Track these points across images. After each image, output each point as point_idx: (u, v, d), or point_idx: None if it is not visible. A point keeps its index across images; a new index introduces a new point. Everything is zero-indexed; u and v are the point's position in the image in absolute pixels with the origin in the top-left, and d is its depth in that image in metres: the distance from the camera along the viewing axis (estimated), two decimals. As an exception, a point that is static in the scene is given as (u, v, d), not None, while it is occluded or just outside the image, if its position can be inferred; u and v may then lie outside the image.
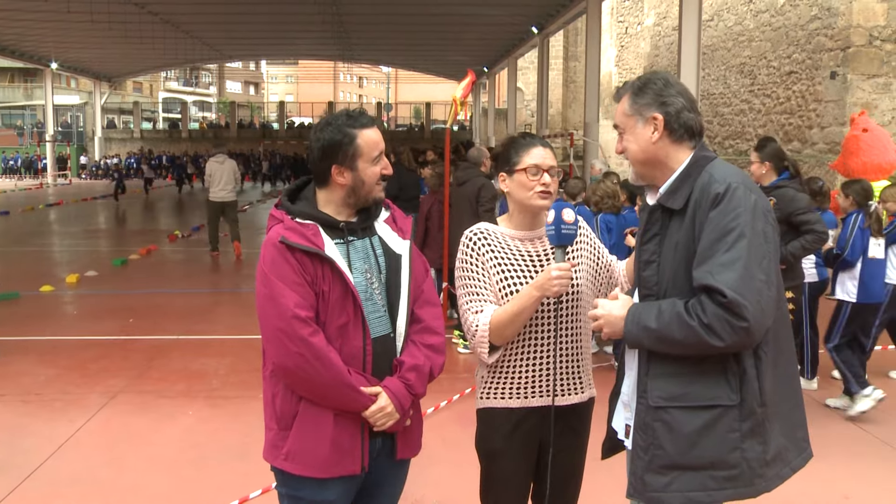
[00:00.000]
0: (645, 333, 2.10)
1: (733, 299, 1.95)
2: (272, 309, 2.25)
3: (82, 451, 4.77)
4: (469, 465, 3.91)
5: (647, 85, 2.25)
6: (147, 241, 14.63)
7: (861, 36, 14.11)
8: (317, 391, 2.28)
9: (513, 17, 21.81)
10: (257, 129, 46.72)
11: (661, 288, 2.18)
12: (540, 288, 2.40)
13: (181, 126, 46.64)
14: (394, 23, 24.23)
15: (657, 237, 2.22)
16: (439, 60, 34.45)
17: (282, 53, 44.05)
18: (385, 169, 2.43)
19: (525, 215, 2.63)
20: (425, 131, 43.63)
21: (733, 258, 1.98)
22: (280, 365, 2.28)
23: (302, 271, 2.27)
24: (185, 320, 8.32)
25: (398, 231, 2.51)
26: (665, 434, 2.11)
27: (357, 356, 2.33)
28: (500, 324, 2.46)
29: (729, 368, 2.08)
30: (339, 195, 2.40)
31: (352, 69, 76.65)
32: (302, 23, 24.55)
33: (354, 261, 2.37)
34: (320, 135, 2.38)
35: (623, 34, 30.43)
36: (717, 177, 2.10)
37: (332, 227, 2.38)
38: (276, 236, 2.30)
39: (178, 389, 5.96)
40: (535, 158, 2.57)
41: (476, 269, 2.56)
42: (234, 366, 6.54)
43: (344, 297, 2.31)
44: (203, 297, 9.85)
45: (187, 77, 68.29)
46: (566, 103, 37.87)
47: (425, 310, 2.49)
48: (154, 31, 23.83)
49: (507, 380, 2.58)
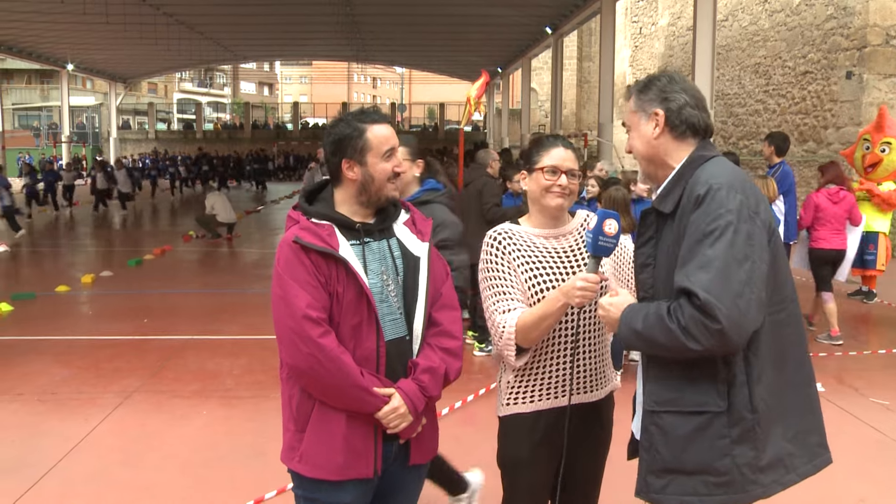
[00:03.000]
0: (634, 335, 2.09)
1: (706, 300, 1.91)
2: (284, 309, 2.25)
3: (97, 451, 4.80)
4: (485, 468, 3.91)
5: (652, 81, 2.25)
6: (162, 241, 14.72)
7: (878, 35, 13.92)
8: (329, 392, 2.27)
9: (526, 18, 21.80)
10: (271, 129, 46.91)
11: (657, 291, 2.18)
12: (566, 294, 2.36)
13: (196, 127, 46.91)
14: (407, 23, 24.28)
15: (652, 240, 2.22)
16: (453, 61, 34.46)
17: (296, 54, 44.18)
18: (398, 167, 2.41)
19: (544, 214, 2.61)
20: (439, 132, 43.65)
21: (709, 259, 1.95)
22: (293, 366, 2.28)
23: (315, 272, 2.27)
24: (199, 320, 8.36)
25: (417, 233, 2.49)
26: (660, 438, 2.13)
27: (370, 358, 2.32)
28: (525, 326, 2.42)
29: (718, 374, 2.06)
30: (351, 192, 2.40)
31: (365, 70, 76.67)
32: (316, 23, 24.64)
33: (370, 262, 2.36)
34: (332, 130, 2.41)
35: (637, 34, 30.34)
36: (702, 178, 2.08)
37: (349, 228, 2.37)
38: (291, 236, 2.30)
39: (192, 389, 5.99)
40: (553, 159, 2.55)
41: (503, 269, 2.52)
42: (248, 366, 6.57)
43: (358, 298, 2.30)
44: (217, 297, 9.89)
45: (202, 78, 68.70)
46: (580, 104, 37.81)
47: (444, 313, 2.47)
48: (169, 32, 23.99)
49: (536, 381, 2.54)
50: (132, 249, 13.87)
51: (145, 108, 49.37)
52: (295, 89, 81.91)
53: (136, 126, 49.27)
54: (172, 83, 63.53)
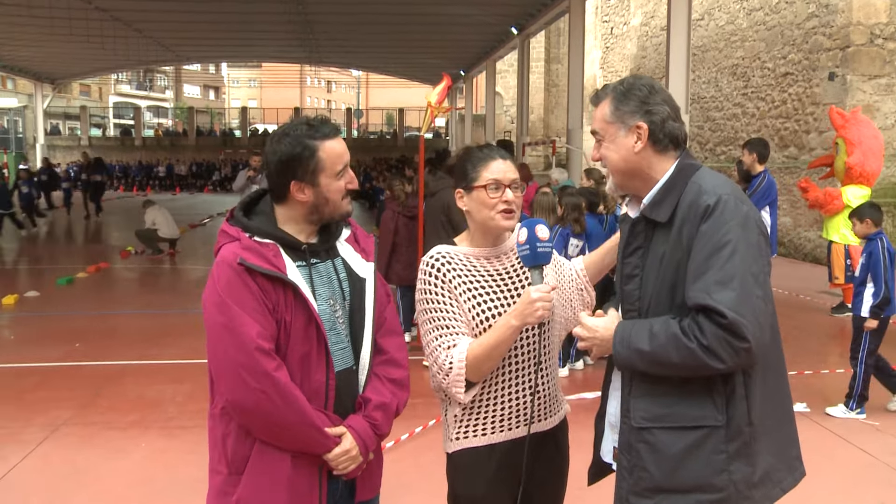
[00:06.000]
0: (637, 356, 2.12)
1: (734, 320, 1.98)
2: (231, 340, 2.15)
3: (17, 492, 4.64)
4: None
5: (632, 91, 2.25)
6: (97, 257, 14.44)
7: (862, 34, 14.15)
8: (277, 432, 2.20)
9: (491, 17, 21.92)
10: (218, 136, 46.53)
11: (644, 303, 2.21)
12: (520, 316, 2.32)
13: (134, 133, 46.30)
14: (364, 23, 24.23)
15: (640, 250, 2.25)
16: (413, 63, 34.50)
17: (244, 55, 43.89)
18: (350, 183, 2.34)
19: (488, 234, 2.56)
20: (398, 139, 43.66)
21: (729, 275, 2.01)
22: (236, 403, 2.19)
23: (263, 297, 2.19)
24: (138, 344, 8.21)
25: (361, 252, 2.45)
26: (649, 456, 2.15)
27: (319, 392, 2.26)
28: (476, 359, 2.36)
29: (715, 387, 2.11)
30: (299, 212, 2.32)
31: (319, 73, 76.61)
32: (266, 23, 24.47)
33: (318, 286, 2.30)
34: (277, 147, 2.28)
35: (608, 35, 30.72)
36: (707, 188, 2.13)
37: (294, 248, 2.30)
38: (233, 256, 2.20)
39: (129, 420, 5.86)
40: (494, 173, 2.48)
41: (443, 299, 2.44)
42: (192, 393, 6.44)
43: (307, 326, 2.23)
44: (159, 318, 9.72)
45: (141, 80, 67.97)
46: (548, 108, 38.11)
47: (388, 339, 2.44)
48: (103, 29, 23.45)
49: (488, 413, 2.49)
50: (62, 267, 13.57)
51: (77, 111, 48.63)
52: (243, 93, 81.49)
53: (66, 132, 48.44)
54: (108, 85, 62.64)
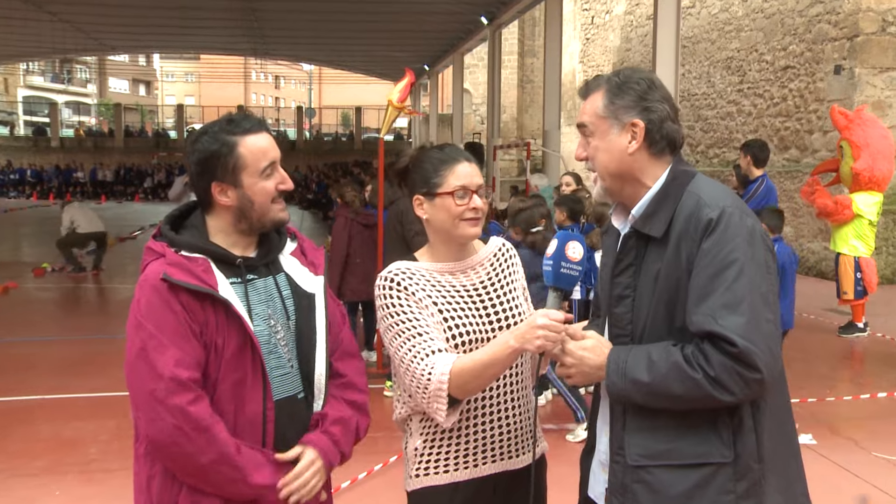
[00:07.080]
0: (635, 388, 2.09)
1: (745, 348, 1.98)
2: (145, 368, 2.14)
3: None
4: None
5: (628, 83, 2.24)
6: (4, 276, 14.11)
7: (872, 22, 13.97)
8: (196, 473, 2.17)
9: (458, 6, 22.01)
10: (150, 137, 46.21)
11: (637, 327, 2.19)
12: (520, 338, 2.25)
13: (50, 132, 45.75)
14: (316, 10, 24.17)
15: (631, 268, 2.24)
16: (371, 57, 34.54)
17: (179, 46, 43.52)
18: (282, 184, 2.34)
19: (451, 245, 2.55)
20: (355, 141, 43.69)
21: (738, 298, 2.01)
22: (152, 439, 2.17)
23: (188, 319, 2.17)
24: (55, 375, 8.08)
25: (308, 265, 2.45)
26: (647, 497, 2.13)
27: (255, 422, 2.24)
28: (463, 373, 2.29)
29: (720, 420, 2.09)
30: (227, 220, 2.32)
31: (266, 66, 76.36)
32: (205, 9, 24.32)
33: (255, 304, 2.29)
34: (195, 146, 2.30)
35: (589, 25, 31.01)
36: (707, 199, 2.12)
37: (227, 263, 2.29)
38: (156, 274, 2.19)
39: (41, 465, 5.71)
40: (461, 178, 2.48)
41: (411, 308, 2.41)
42: (118, 430, 6.30)
43: (241, 349, 2.22)
44: (80, 346, 9.58)
45: (57, 71, 67.21)
46: (522, 107, 38.35)
47: (346, 363, 2.44)
48: (10, 10, 22.88)
49: (450, 447, 2.46)
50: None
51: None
52: (179, 89, 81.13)
53: (-35, 130, 47.80)
54: (16, 76, 61.81)
